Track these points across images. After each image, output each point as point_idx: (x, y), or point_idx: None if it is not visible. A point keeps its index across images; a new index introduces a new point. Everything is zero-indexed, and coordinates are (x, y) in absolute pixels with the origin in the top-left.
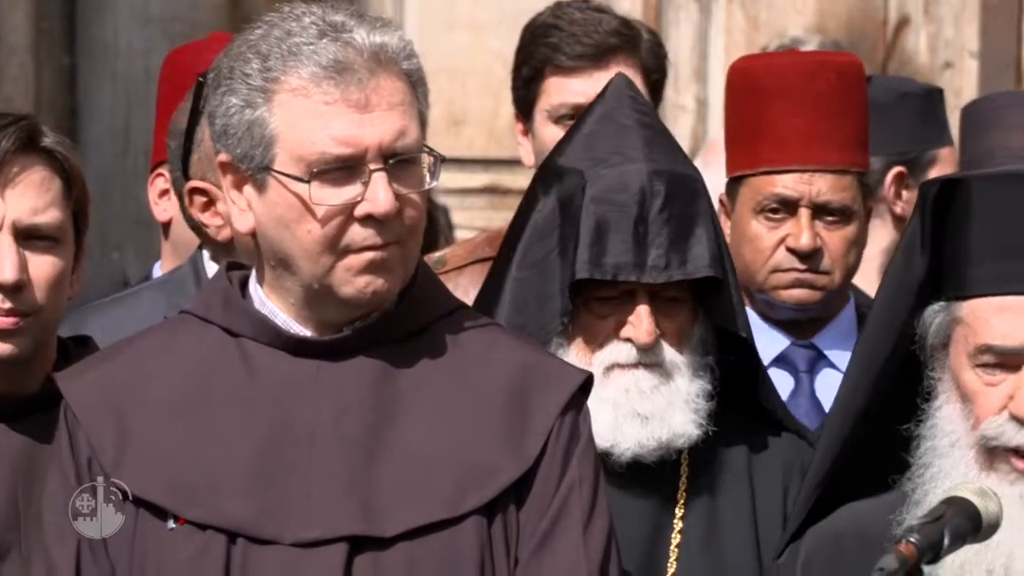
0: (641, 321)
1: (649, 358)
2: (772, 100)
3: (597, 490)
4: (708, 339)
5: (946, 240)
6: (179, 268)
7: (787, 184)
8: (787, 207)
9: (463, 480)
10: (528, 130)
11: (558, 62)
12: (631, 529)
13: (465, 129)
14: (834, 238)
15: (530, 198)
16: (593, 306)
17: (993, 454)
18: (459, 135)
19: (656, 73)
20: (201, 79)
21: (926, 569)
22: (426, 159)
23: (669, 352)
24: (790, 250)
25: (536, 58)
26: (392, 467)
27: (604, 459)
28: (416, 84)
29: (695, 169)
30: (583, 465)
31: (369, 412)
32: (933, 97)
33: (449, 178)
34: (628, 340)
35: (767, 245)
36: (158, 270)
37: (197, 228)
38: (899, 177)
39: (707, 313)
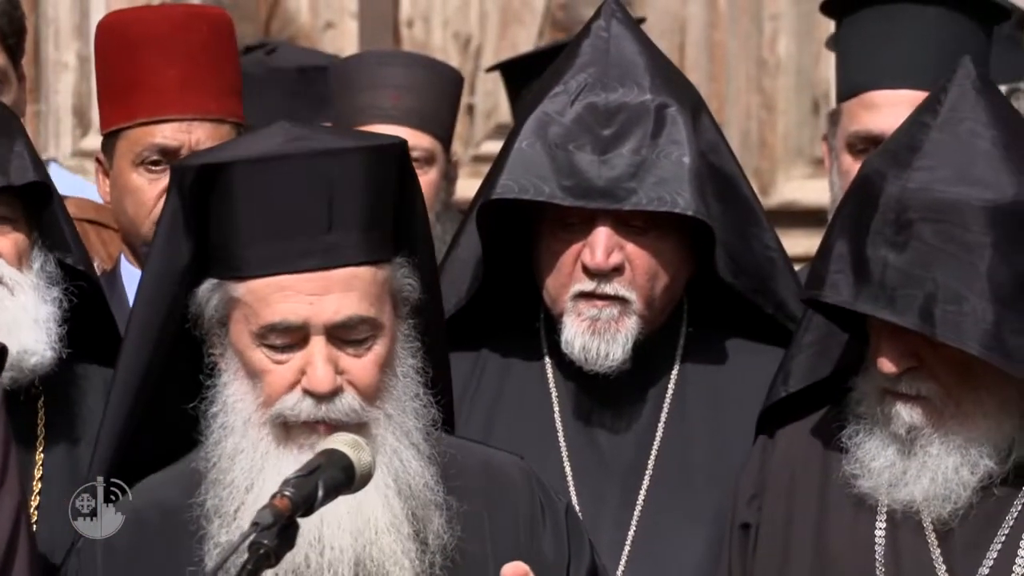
0: None
1: None
2: (145, 51)
3: (7, 464)
4: (52, 269)
5: (212, 222)
6: None
7: (166, 134)
8: (167, 157)
9: None
10: None
11: None
12: None
13: None
14: None
15: None
16: None
17: (289, 427)
18: None
19: (12, 37)
20: None
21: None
22: None
23: (7, 269)
24: None
25: None
26: None
27: None
28: None
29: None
30: None
31: None
32: (308, 74)
33: None
34: None
35: (150, 197)
36: None
37: None
38: None
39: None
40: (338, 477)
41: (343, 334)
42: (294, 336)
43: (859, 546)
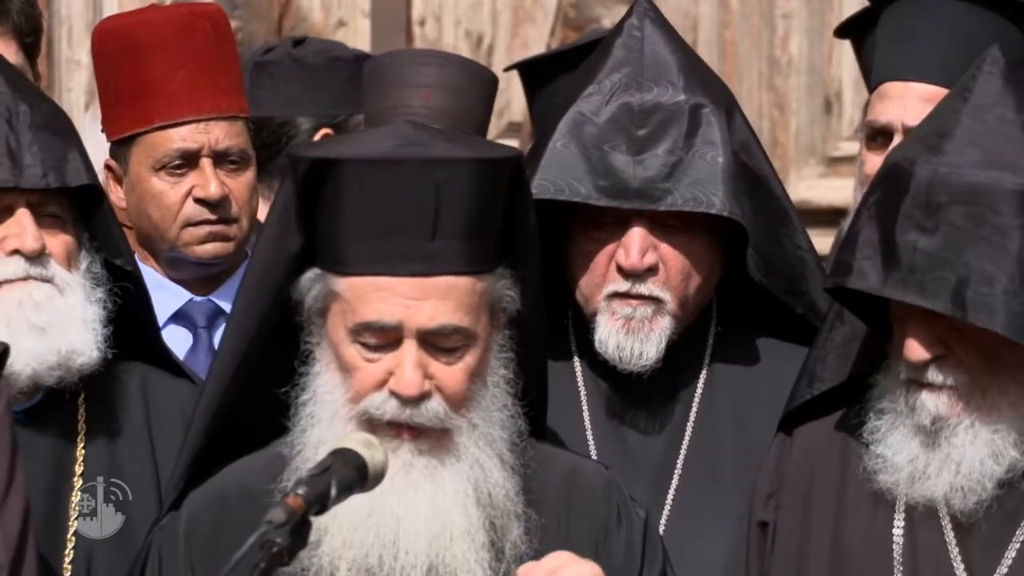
0: (24, 229)
1: (38, 271)
2: (153, 55)
3: (15, 463)
4: (97, 271)
5: (320, 213)
6: None
7: (184, 136)
8: (188, 159)
9: None
10: None
11: None
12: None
13: None
14: (237, 184)
15: None
16: None
17: (374, 426)
18: None
19: (30, 36)
20: None
21: (325, 539)
22: None
23: (58, 269)
24: (199, 201)
25: None
26: None
27: None
28: None
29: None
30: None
31: None
32: (362, 63)
33: None
34: (16, 252)
35: (174, 200)
36: None
37: None
38: (327, 138)
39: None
40: (351, 476)
41: (436, 341)
42: (388, 336)
43: (877, 544)
